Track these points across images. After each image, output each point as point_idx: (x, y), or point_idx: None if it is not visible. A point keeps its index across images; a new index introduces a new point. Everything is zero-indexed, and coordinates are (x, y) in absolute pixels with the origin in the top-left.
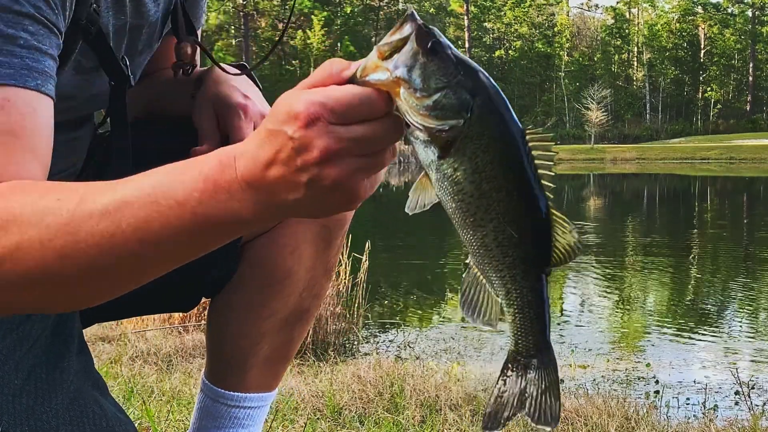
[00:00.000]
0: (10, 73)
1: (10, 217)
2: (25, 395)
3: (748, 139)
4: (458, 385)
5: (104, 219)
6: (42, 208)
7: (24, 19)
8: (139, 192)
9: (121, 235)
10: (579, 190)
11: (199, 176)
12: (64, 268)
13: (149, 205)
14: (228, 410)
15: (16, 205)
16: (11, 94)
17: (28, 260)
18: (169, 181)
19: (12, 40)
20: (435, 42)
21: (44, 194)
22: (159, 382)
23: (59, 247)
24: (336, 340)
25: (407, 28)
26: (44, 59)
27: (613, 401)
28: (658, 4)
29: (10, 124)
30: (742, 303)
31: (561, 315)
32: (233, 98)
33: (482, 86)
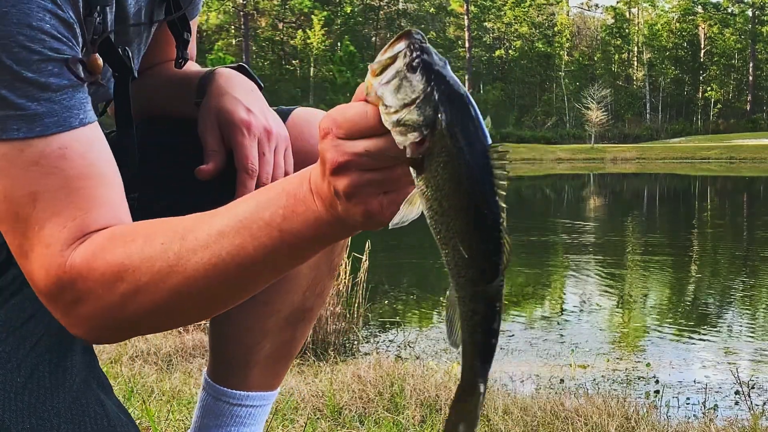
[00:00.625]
0: (55, 121)
1: (122, 268)
2: (27, 393)
3: (748, 138)
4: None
5: (206, 252)
6: (150, 256)
7: (48, 65)
8: (233, 220)
9: (222, 263)
10: (579, 190)
11: (282, 192)
12: (180, 301)
13: (242, 231)
14: (230, 408)
15: (123, 255)
16: (65, 141)
17: (147, 302)
18: (256, 203)
19: (45, 88)
20: (418, 58)
21: (147, 241)
22: (159, 381)
23: (172, 286)
24: (336, 340)
25: (399, 45)
26: (77, 92)
27: (613, 401)
28: (658, 4)
29: (77, 167)
30: (742, 302)
31: (561, 315)
32: (236, 114)
33: (450, 101)
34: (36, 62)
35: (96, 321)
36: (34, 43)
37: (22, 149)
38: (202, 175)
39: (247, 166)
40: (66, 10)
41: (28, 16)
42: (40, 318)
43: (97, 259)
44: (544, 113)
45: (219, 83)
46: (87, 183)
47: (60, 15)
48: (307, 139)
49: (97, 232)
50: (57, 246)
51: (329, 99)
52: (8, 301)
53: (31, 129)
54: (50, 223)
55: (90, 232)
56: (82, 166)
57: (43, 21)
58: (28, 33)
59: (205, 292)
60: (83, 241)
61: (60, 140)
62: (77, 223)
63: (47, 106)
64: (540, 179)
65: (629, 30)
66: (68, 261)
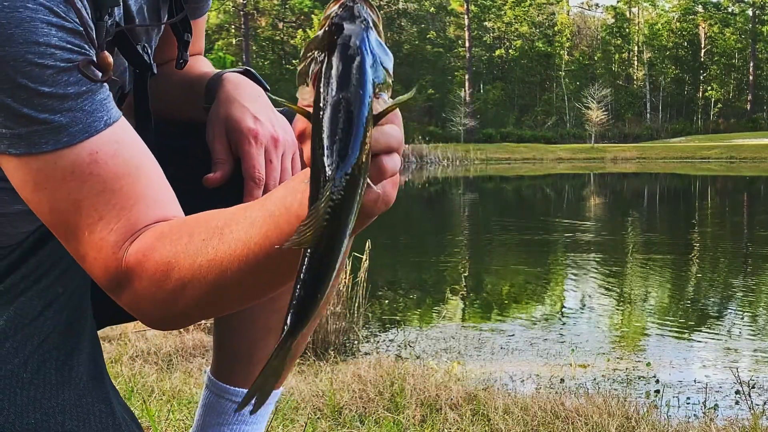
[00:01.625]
0: (81, 128)
1: (168, 266)
2: (33, 389)
3: (749, 138)
4: (458, 385)
5: (240, 245)
6: (193, 251)
7: (62, 76)
8: (261, 211)
9: (253, 255)
10: (579, 190)
11: (299, 179)
12: (220, 293)
13: (268, 220)
14: (233, 407)
15: (169, 253)
16: (94, 146)
17: (192, 296)
18: (284, 190)
19: (64, 98)
20: (337, 19)
21: (191, 237)
22: (159, 381)
23: (212, 280)
24: (336, 340)
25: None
26: (96, 95)
27: (614, 400)
28: (659, 4)
29: (111, 169)
30: (742, 302)
31: (561, 314)
32: (244, 123)
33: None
34: (51, 76)
35: (155, 314)
36: (44, 59)
37: (55, 161)
38: (209, 184)
39: (254, 175)
40: (71, 20)
41: (33, 33)
42: (49, 315)
43: (147, 259)
44: (545, 113)
45: (227, 90)
46: (125, 181)
47: (66, 26)
48: None
49: (146, 228)
50: (108, 249)
51: None
52: (18, 297)
53: (58, 141)
54: (98, 227)
55: (139, 229)
56: (116, 165)
57: (50, 35)
58: (36, 50)
59: (243, 282)
60: (133, 239)
61: (89, 146)
62: (123, 223)
63: (70, 116)
64: (540, 179)
65: (629, 29)
66: (123, 262)
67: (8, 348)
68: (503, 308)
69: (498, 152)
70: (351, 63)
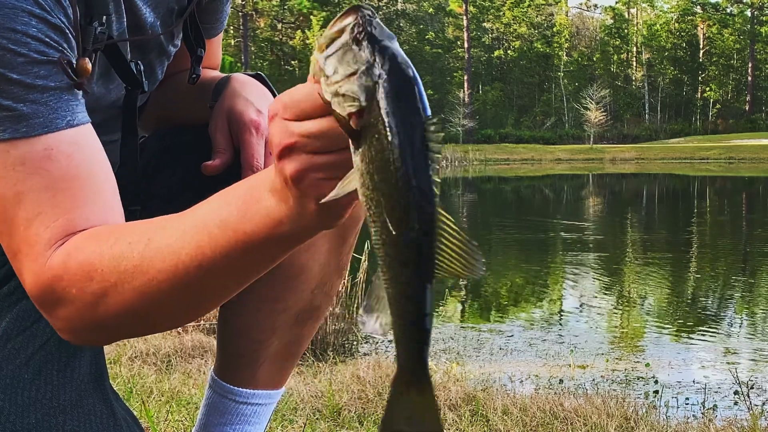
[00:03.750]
0: (41, 122)
1: (91, 267)
2: (35, 389)
3: (747, 138)
4: (457, 385)
5: (168, 254)
6: (118, 254)
7: (33, 67)
8: (194, 220)
9: (182, 266)
10: (578, 190)
11: (240, 190)
12: (146, 303)
13: (201, 232)
14: (236, 406)
15: (94, 255)
16: (51, 142)
17: (115, 303)
18: (217, 203)
19: (31, 89)
20: (364, 31)
21: (117, 240)
22: (158, 382)
23: (137, 287)
24: (335, 340)
25: (348, 19)
26: (65, 94)
27: (613, 401)
28: (657, 4)
29: (62, 169)
30: (741, 303)
31: (560, 315)
32: (246, 114)
33: (390, 73)
34: (21, 64)
35: (74, 322)
36: (18, 46)
37: (8, 150)
38: (208, 171)
39: (253, 164)
40: (56, 15)
41: (12, 20)
42: None
43: (71, 258)
44: (543, 113)
45: (233, 86)
46: (73, 184)
47: (49, 20)
48: None
49: (81, 232)
50: (40, 246)
51: None
52: (21, 300)
53: (16, 130)
54: (35, 223)
55: (74, 232)
56: (68, 167)
57: (29, 25)
58: (11, 36)
59: (170, 296)
60: (65, 241)
61: (45, 141)
62: (60, 223)
63: (33, 108)
64: (539, 179)
65: (628, 30)
66: (48, 261)
67: (10, 349)
68: (502, 309)
69: (497, 153)
70: (413, 88)
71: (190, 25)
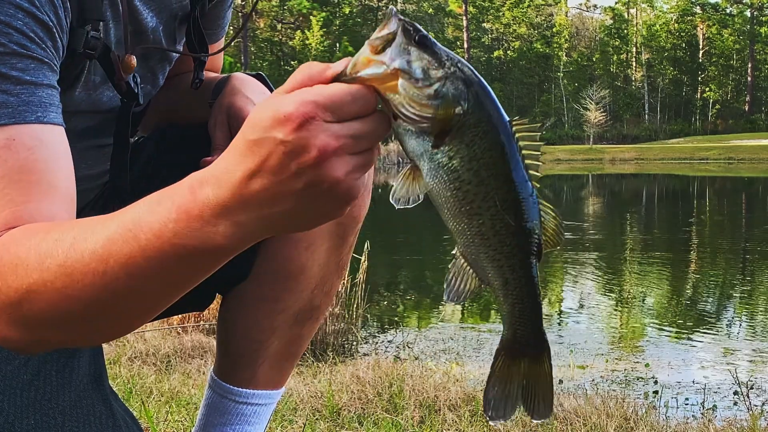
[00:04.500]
0: (8, 112)
1: (18, 261)
2: (34, 390)
3: (747, 139)
4: (457, 386)
5: (93, 258)
6: (44, 251)
7: (11, 58)
8: (122, 228)
9: (111, 272)
10: (578, 191)
11: (172, 206)
12: (71, 307)
13: (130, 241)
14: (235, 407)
15: (23, 249)
16: (13, 133)
17: (39, 301)
18: (146, 213)
19: (4, 79)
20: (422, 35)
21: (46, 236)
22: (158, 382)
23: (60, 288)
24: (335, 341)
25: (393, 23)
26: (39, 90)
27: (612, 401)
28: (657, 5)
29: (20, 161)
30: (741, 303)
31: (560, 315)
32: (246, 110)
33: (474, 76)
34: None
35: (5, 327)
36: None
37: None
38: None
39: None
40: (45, 12)
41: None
42: None
43: (3, 250)
44: (543, 114)
45: (233, 84)
46: (27, 177)
47: (37, 16)
48: None
49: (22, 226)
50: None
51: None
52: None
53: None
54: None
55: (17, 227)
56: (26, 160)
57: (14, 18)
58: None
59: (98, 301)
60: (4, 233)
61: (9, 131)
62: (5, 214)
63: (3, 97)
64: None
65: (628, 31)
66: None
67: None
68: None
69: None
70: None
71: (193, 30)
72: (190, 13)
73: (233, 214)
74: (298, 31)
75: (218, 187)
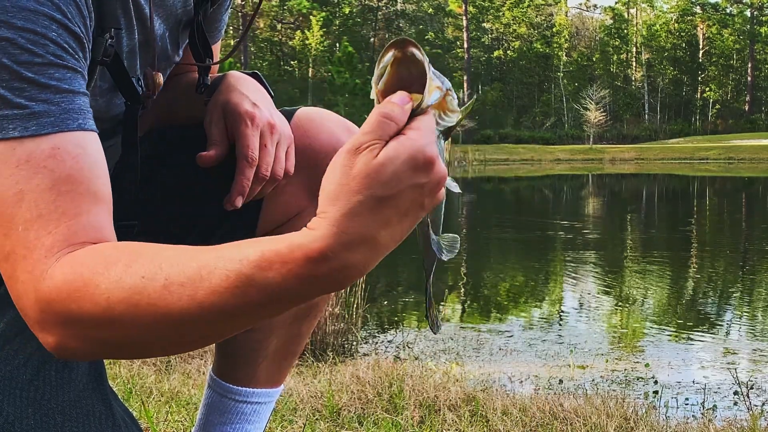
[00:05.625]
0: (51, 120)
1: (97, 291)
2: (33, 389)
3: (747, 139)
4: (457, 386)
5: (184, 295)
6: (129, 288)
7: (48, 68)
8: (235, 278)
9: (197, 308)
10: (578, 191)
11: (274, 257)
12: (151, 336)
13: (242, 294)
14: (235, 405)
15: (101, 279)
16: (58, 141)
17: (116, 329)
18: (257, 270)
19: (44, 89)
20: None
21: (128, 268)
22: (158, 382)
23: (148, 324)
24: (335, 341)
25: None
26: (77, 98)
27: (612, 401)
28: (657, 4)
29: (67, 170)
30: (741, 303)
31: (560, 315)
32: (242, 106)
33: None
34: (37, 64)
35: (65, 339)
36: (36, 47)
37: (15, 148)
38: (203, 162)
39: (248, 155)
40: (76, 24)
41: (32, 23)
42: None
43: (75, 274)
44: (543, 114)
45: (229, 81)
46: (75, 188)
47: (70, 27)
48: (312, 135)
49: (82, 245)
50: (40, 251)
51: (327, 99)
52: None
53: (26, 128)
54: (35, 225)
55: (76, 243)
56: (72, 168)
57: (50, 29)
58: (30, 37)
59: (180, 332)
60: (67, 251)
61: (53, 140)
62: (62, 230)
63: (44, 107)
64: (538, 180)
65: (628, 30)
66: (49, 270)
67: (8, 350)
68: (502, 309)
69: (496, 153)
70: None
71: (197, 35)
72: (193, 18)
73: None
74: (298, 31)
75: (357, 252)
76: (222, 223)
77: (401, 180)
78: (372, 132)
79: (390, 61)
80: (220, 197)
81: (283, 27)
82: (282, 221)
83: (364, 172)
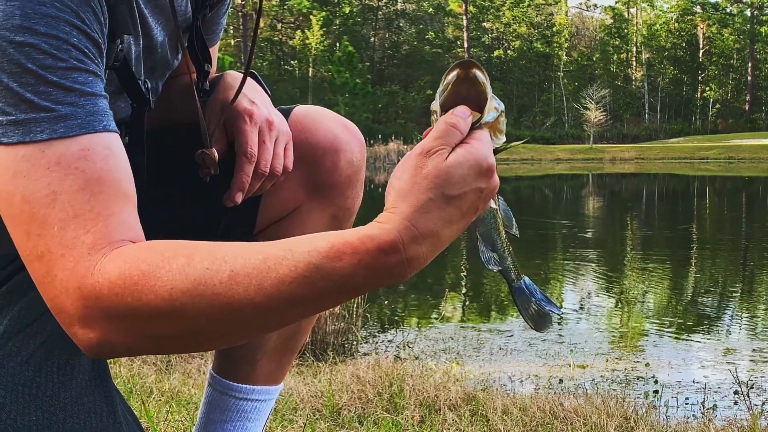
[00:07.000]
0: (78, 123)
1: (158, 282)
2: (35, 386)
3: (747, 138)
4: (457, 385)
5: (251, 285)
6: (194, 279)
7: (72, 73)
8: (304, 269)
9: (264, 297)
10: (578, 190)
11: (357, 264)
12: (210, 327)
13: (310, 285)
14: (236, 403)
15: (163, 272)
16: (86, 142)
17: (181, 323)
18: (326, 260)
19: (69, 92)
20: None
21: (189, 260)
22: (158, 382)
23: (211, 314)
24: (335, 340)
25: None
26: (100, 101)
27: (612, 401)
28: (657, 4)
29: (97, 171)
30: (741, 303)
31: (560, 315)
32: (240, 104)
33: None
34: (61, 69)
35: (114, 335)
36: (60, 52)
37: (44, 150)
38: (199, 159)
39: (247, 151)
40: (94, 30)
41: (54, 29)
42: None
43: (132, 269)
44: (543, 113)
45: (227, 80)
46: (106, 188)
47: (88, 33)
48: (310, 132)
49: (122, 242)
50: (82, 249)
51: (328, 99)
52: (21, 299)
53: (54, 131)
54: (72, 224)
55: (115, 240)
56: (102, 170)
57: (71, 35)
58: (54, 42)
59: (244, 321)
60: (111, 248)
61: (82, 142)
62: (100, 228)
63: (71, 109)
64: (538, 179)
65: (628, 30)
66: (97, 265)
67: (11, 347)
68: (502, 308)
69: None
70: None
71: (196, 39)
72: (192, 23)
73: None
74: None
75: (423, 246)
76: (221, 220)
77: (467, 182)
78: (440, 138)
79: (453, 80)
80: (218, 194)
81: (283, 26)
82: (280, 217)
83: (435, 173)
